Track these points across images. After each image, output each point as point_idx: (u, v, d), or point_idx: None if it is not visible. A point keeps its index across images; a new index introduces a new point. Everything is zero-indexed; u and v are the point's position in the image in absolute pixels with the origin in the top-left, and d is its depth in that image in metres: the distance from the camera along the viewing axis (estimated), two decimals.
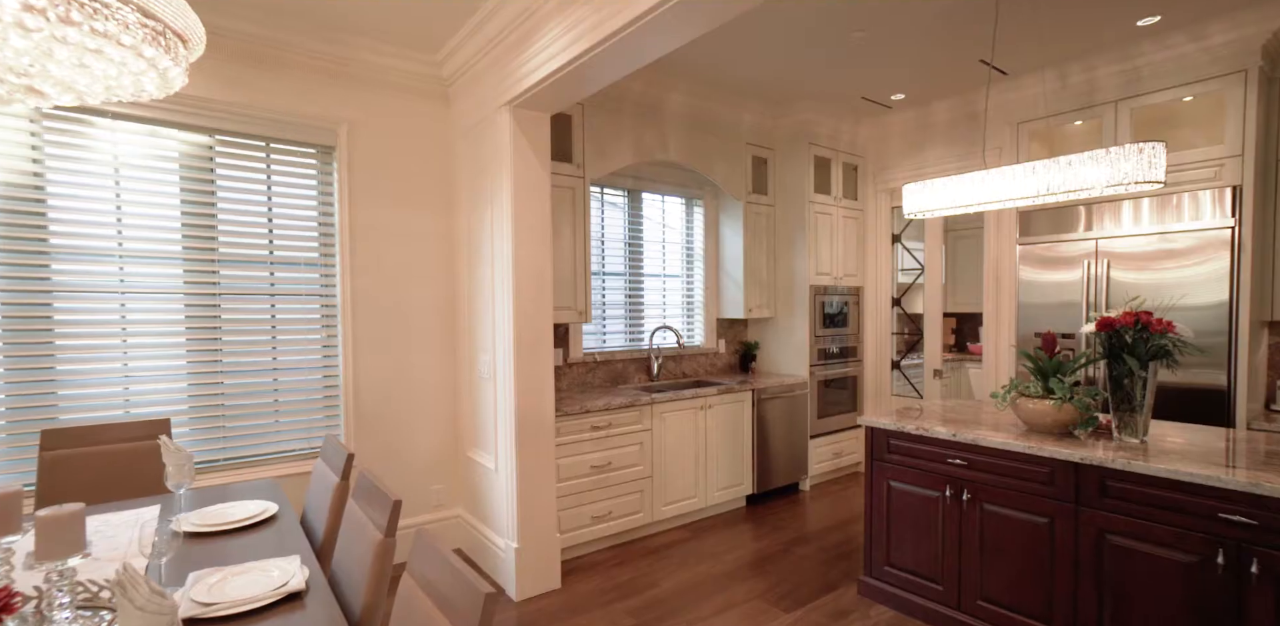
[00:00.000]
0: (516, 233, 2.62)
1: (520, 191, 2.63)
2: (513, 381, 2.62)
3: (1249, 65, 2.84)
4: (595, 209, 3.80)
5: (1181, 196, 2.99)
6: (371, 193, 2.97)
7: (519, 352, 2.63)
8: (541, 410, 2.69)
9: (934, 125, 4.10)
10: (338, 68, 2.84)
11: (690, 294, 4.28)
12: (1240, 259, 2.83)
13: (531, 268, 2.66)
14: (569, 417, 2.93)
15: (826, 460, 4.24)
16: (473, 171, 2.96)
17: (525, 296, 2.65)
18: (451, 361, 3.19)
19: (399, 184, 3.04)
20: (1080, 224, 3.33)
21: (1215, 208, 2.91)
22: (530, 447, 2.66)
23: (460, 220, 3.12)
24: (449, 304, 3.19)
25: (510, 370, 2.63)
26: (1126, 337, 2.04)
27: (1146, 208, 3.09)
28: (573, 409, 2.92)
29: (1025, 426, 2.31)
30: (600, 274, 3.83)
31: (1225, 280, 2.84)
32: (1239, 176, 2.86)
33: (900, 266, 4.55)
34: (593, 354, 3.67)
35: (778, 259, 4.29)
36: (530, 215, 2.66)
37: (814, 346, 4.15)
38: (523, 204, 2.64)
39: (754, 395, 3.75)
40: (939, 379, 4.19)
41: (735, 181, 4.04)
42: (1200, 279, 2.92)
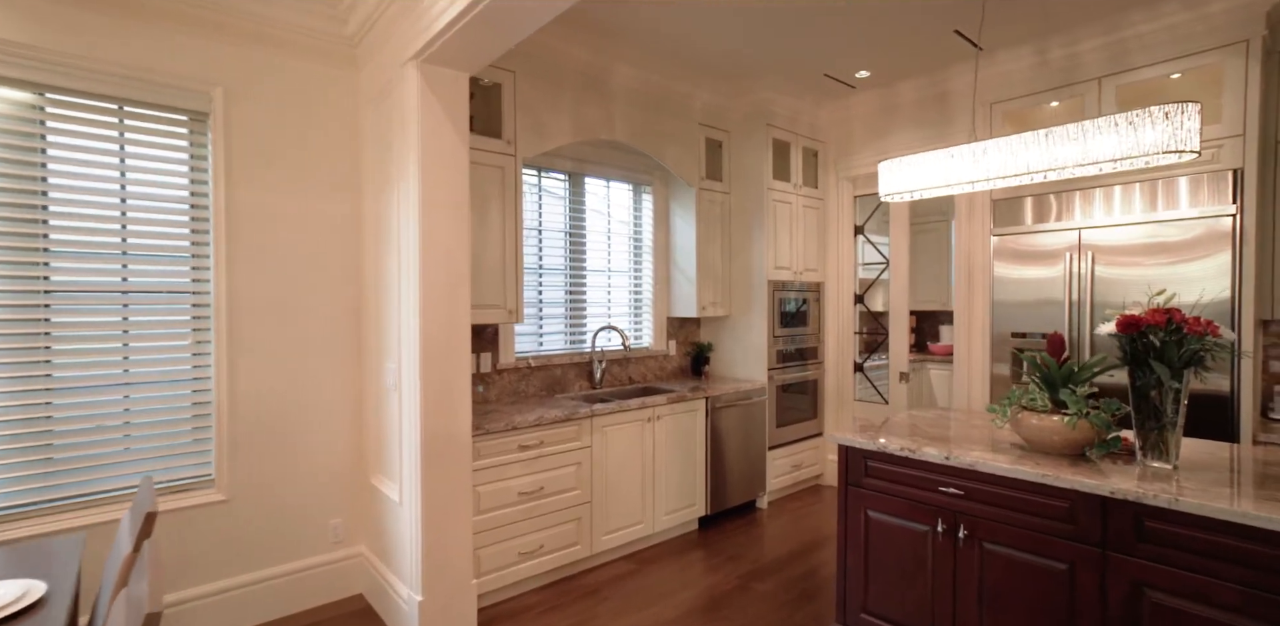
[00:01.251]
0: (425, 214, 2.10)
1: (430, 165, 2.11)
2: (418, 394, 2.10)
3: (1251, 35, 2.58)
4: (530, 194, 3.29)
5: (1174, 182, 2.73)
6: (258, 171, 2.38)
7: (426, 359, 2.11)
8: (454, 428, 2.18)
9: (900, 107, 3.78)
10: (212, 16, 2.25)
11: (638, 290, 3.83)
12: (1243, 250, 2.58)
13: (444, 256, 2.15)
14: (492, 436, 2.43)
15: (785, 473, 3.87)
16: (380, 145, 2.42)
17: (435, 291, 2.13)
18: (358, 371, 2.63)
19: (295, 162, 2.46)
20: (1061, 213, 3.05)
21: (1213, 194, 2.66)
22: (439, 474, 2.14)
23: (369, 205, 2.57)
24: (357, 303, 2.63)
25: (415, 380, 2.11)
26: (1154, 340, 1.70)
27: (1136, 195, 2.83)
28: (497, 426, 2.42)
29: (1027, 445, 1.96)
30: (537, 270, 3.32)
31: (1227, 275, 2.59)
32: (1239, 158, 2.60)
33: (862, 260, 4.23)
34: (527, 358, 3.17)
35: (733, 252, 3.89)
36: (443, 193, 2.14)
37: (772, 348, 3.77)
38: (433, 179, 2.12)
39: (708, 404, 3.33)
40: (905, 382, 3.88)
41: (688, 165, 3.60)
42: (1197, 275, 2.67)
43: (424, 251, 2.09)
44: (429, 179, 2.10)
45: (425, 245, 2.09)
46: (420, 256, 2.08)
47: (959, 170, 2.07)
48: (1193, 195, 2.69)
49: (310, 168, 2.51)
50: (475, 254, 2.62)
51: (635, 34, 2.94)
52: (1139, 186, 2.82)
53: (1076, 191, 3.00)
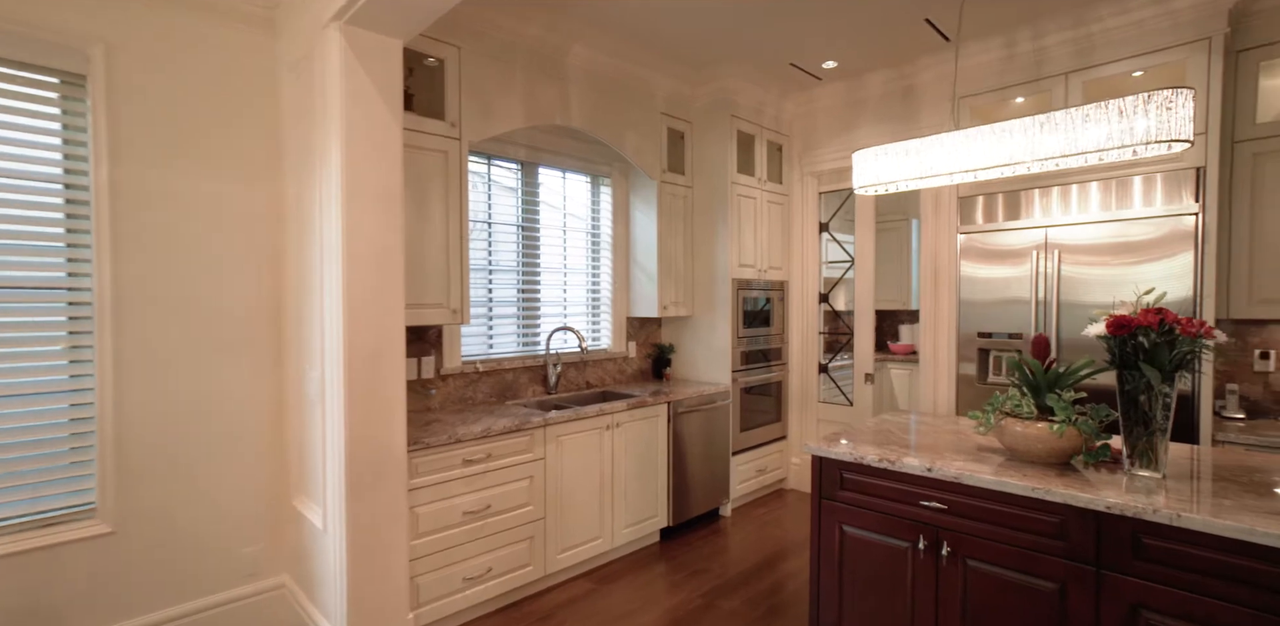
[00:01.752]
0: (350, 200, 1.84)
1: (356, 144, 1.85)
2: (342, 405, 1.84)
3: (1213, 32, 2.56)
4: (479, 184, 3.04)
5: (1139, 180, 2.70)
6: (154, 146, 2.06)
7: (352, 366, 1.85)
8: (386, 444, 1.92)
9: (866, 101, 3.68)
10: None
11: (596, 289, 3.62)
12: (1204, 249, 2.56)
13: (372, 250, 1.89)
14: (432, 451, 2.18)
15: (750, 478, 3.73)
16: (300, 122, 2.13)
17: (362, 289, 1.87)
18: (279, 379, 2.33)
19: (201, 137, 2.15)
20: (1028, 210, 2.99)
21: (1177, 192, 2.63)
22: (369, 496, 1.89)
23: (291, 189, 2.27)
24: (278, 302, 2.33)
25: (339, 390, 1.85)
26: (1144, 342, 1.60)
27: (1102, 193, 2.79)
28: (438, 439, 2.17)
29: (1009, 454, 1.84)
30: (487, 267, 3.07)
31: (1190, 275, 2.57)
32: (1202, 157, 2.58)
33: (826, 259, 4.13)
34: (475, 362, 2.92)
35: (696, 248, 3.72)
36: (372, 177, 1.89)
37: (736, 349, 3.62)
38: (360, 161, 1.86)
39: (670, 409, 3.15)
40: (870, 384, 3.79)
41: (649, 156, 3.41)
42: (1161, 274, 2.64)
43: (348, 243, 1.83)
44: (355, 160, 1.84)
45: (350, 236, 1.83)
46: (344, 249, 1.82)
47: (941, 160, 1.94)
48: (1156, 194, 2.66)
49: (221, 145, 2.20)
50: (414, 247, 2.36)
51: (592, 11, 2.73)
52: (1104, 184, 2.78)
53: (1040, 189, 2.95)
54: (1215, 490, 1.50)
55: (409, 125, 2.33)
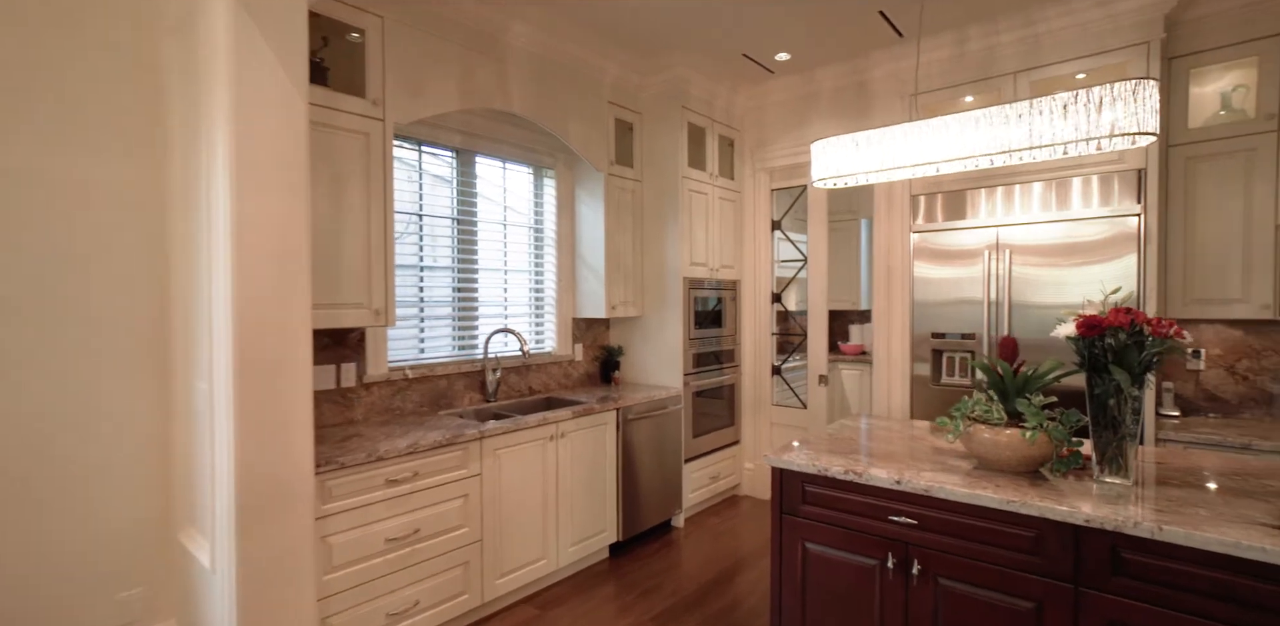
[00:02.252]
0: (241, 182, 1.57)
1: (249, 115, 1.58)
2: (231, 423, 1.56)
3: (1151, 37, 2.59)
4: (408, 171, 2.77)
5: (1087, 181, 2.71)
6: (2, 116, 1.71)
7: (243, 377, 1.57)
8: (287, 466, 1.66)
9: (818, 96, 3.61)
10: None
11: (539, 288, 3.39)
12: (1146, 250, 2.58)
13: (270, 240, 1.62)
14: (349, 471, 1.91)
15: (703, 486, 3.59)
16: (184, 92, 1.82)
17: (257, 286, 1.60)
18: (164, 395, 2.01)
19: (55, 104, 1.81)
20: (980, 209, 2.96)
21: (1121, 194, 2.65)
22: (263, 530, 1.62)
23: (177, 171, 1.95)
24: (163, 304, 2.01)
25: (228, 405, 1.57)
26: (1114, 343, 1.53)
27: (1045, 193, 2.78)
28: (356, 456, 1.91)
29: (976, 461, 1.75)
30: (418, 264, 2.80)
31: (1135, 275, 2.58)
32: (1143, 159, 2.60)
33: (778, 257, 4.04)
34: (403, 368, 2.65)
35: (645, 245, 3.55)
36: (268, 156, 1.61)
37: (689, 351, 3.47)
38: (253, 136, 1.59)
39: (619, 415, 2.97)
40: (824, 386, 3.72)
41: (595, 147, 3.22)
42: (1108, 275, 2.65)
43: (240, 233, 1.55)
44: (247, 136, 1.57)
45: (242, 224, 1.55)
46: (234, 239, 1.54)
47: (903, 151, 1.83)
48: (1103, 195, 2.67)
49: (81, 115, 1.86)
50: (328, 240, 2.09)
51: None
52: (1050, 185, 2.78)
53: (990, 189, 2.93)
54: (1186, 497, 1.44)
55: (321, 101, 2.06)
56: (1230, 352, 2.83)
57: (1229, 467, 1.72)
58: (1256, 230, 2.56)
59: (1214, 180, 2.64)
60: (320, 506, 1.80)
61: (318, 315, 2.02)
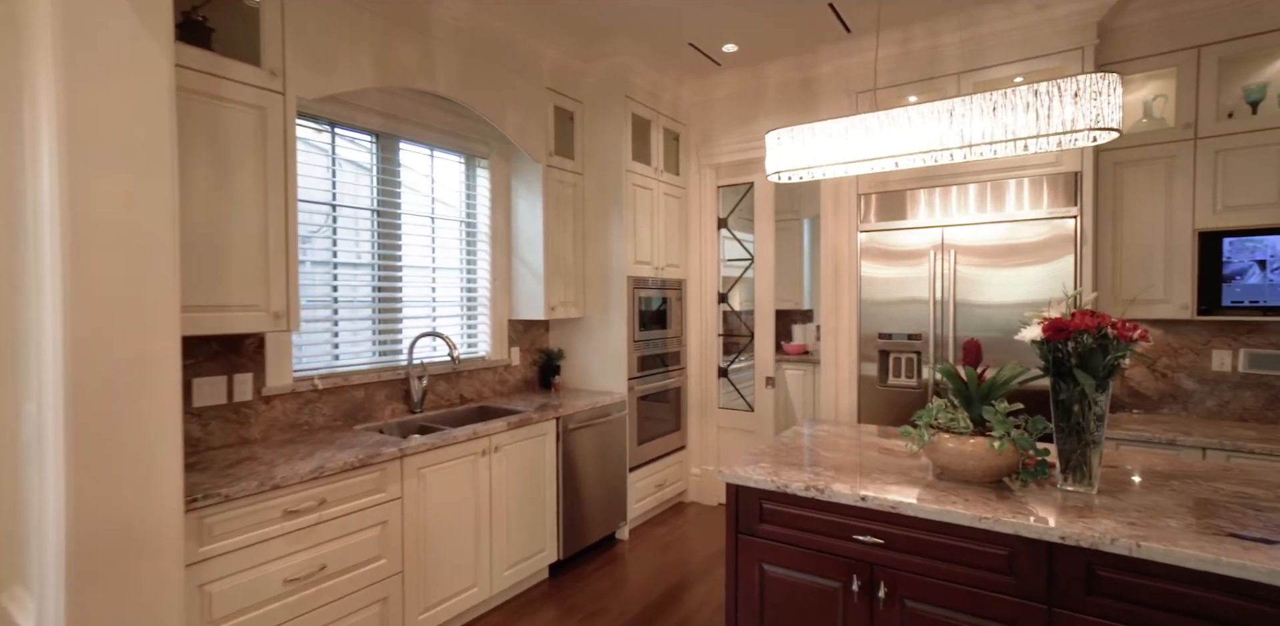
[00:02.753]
0: (72, 152, 1.26)
1: (84, 69, 1.27)
2: (62, 452, 1.25)
3: (1085, 43, 2.62)
4: (317, 155, 2.46)
5: (1026, 182, 2.72)
6: None
7: (78, 397, 1.27)
8: (144, 504, 1.36)
9: (765, 92, 3.51)
10: None
11: (472, 288, 3.13)
12: (1082, 252, 2.61)
13: (117, 226, 1.32)
14: (236, 504, 1.62)
15: (648, 495, 3.43)
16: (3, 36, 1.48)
17: (99, 284, 1.30)
18: None
19: None
20: (926, 209, 2.94)
21: (1059, 196, 2.67)
22: (107, 586, 1.32)
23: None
24: None
25: (59, 431, 1.26)
26: (1079, 347, 1.46)
27: (990, 194, 2.78)
28: (247, 485, 1.62)
29: (938, 471, 1.66)
30: (330, 261, 2.50)
31: (1072, 277, 2.61)
32: (1079, 162, 2.63)
33: (724, 256, 3.93)
34: (312, 377, 2.34)
35: (588, 242, 3.35)
36: (113, 122, 1.31)
37: (633, 354, 3.30)
38: (91, 97, 1.28)
39: (559, 425, 2.76)
40: (771, 388, 3.64)
41: (533, 136, 2.99)
42: (1047, 276, 2.67)
43: (71, 220, 1.24)
44: (82, 102, 1.26)
45: (74, 211, 1.25)
46: (63, 228, 1.23)
47: (863, 143, 1.72)
48: (1042, 197, 2.69)
49: None
50: (210, 229, 1.78)
51: None
52: (995, 186, 2.79)
53: (936, 188, 2.91)
54: (1150, 506, 1.38)
55: (202, 66, 1.75)
56: (1151, 351, 2.92)
57: (1175, 469, 1.70)
58: (1176, 234, 2.64)
59: (1139, 185, 2.70)
60: (195, 549, 1.51)
61: (198, 319, 1.72)
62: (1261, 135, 2.49)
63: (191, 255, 1.72)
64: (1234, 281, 2.69)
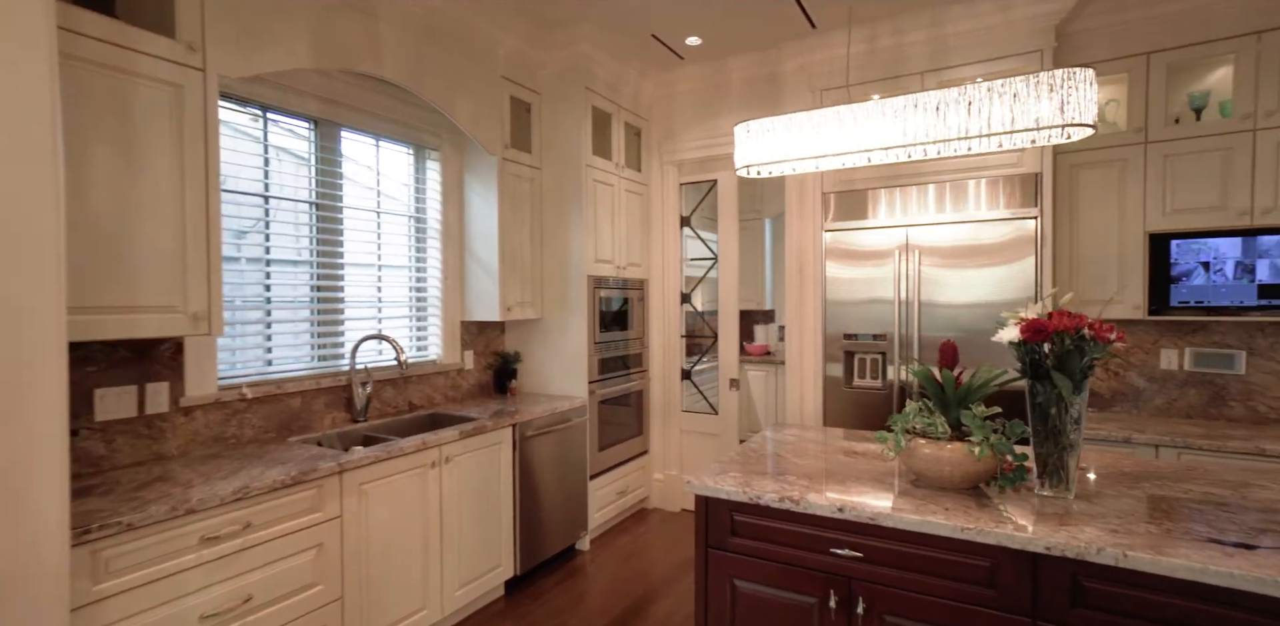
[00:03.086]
0: None
1: None
2: None
3: (1044, 46, 2.64)
4: (249, 143, 2.24)
5: (992, 183, 2.73)
6: None
7: None
8: (15, 539, 1.16)
9: (728, 87, 3.44)
10: None
11: (422, 287, 2.95)
12: (1042, 252, 2.63)
13: None
14: (140, 533, 1.42)
15: (610, 503, 3.31)
16: None
17: None
18: None
19: None
20: (891, 209, 2.92)
21: (1021, 197, 2.68)
22: None
23: None
24: None
25: None
26: (1057, 348, 1.42)
27: (952, 195, 2.78)
28: (153, 512, 1.42)
29: (913, 477, 1.60)
30: (263, 258, 2.29)
31: (1033, 277, 2.62)
32: (1039, 164, 2.65)
33: (687, 256, 3.84)
34: (240, 386, 2.13)
35: (546, 239, 3.21)
36: None
37: (594, 356, 3.17)
38: None
39: (516, 432, 2.61)
40: (735, 390, 3.57)
41: (488, 127, 2.83)
42: (1009, 276, 2.68)
43: None
44: None
45: None
46: None
47: (836, 137, 1.65)
48: (1004, 197, 2.70)
49: None
50: (118, 224, 1.57)
51: None
52: (959, 186, 2.78)
53: (902, 188, 2.90)
54: (1128, 511, 1.35)
55: (107, 36, 1.54)
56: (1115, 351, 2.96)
57: (1143, 470, 1.69)
58: (1129, 236, 2.69)
59: (1094, 187, 2.74)
60: (88, 588, 1.31)
61: (97, 322, 1.51)
62: (1204, 141, 2.55)
63: (91, 250, 1.51)
64: (1181, 282, 2.76)
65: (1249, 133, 2.49)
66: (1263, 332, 2.68)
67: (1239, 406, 2.72)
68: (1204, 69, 2.69)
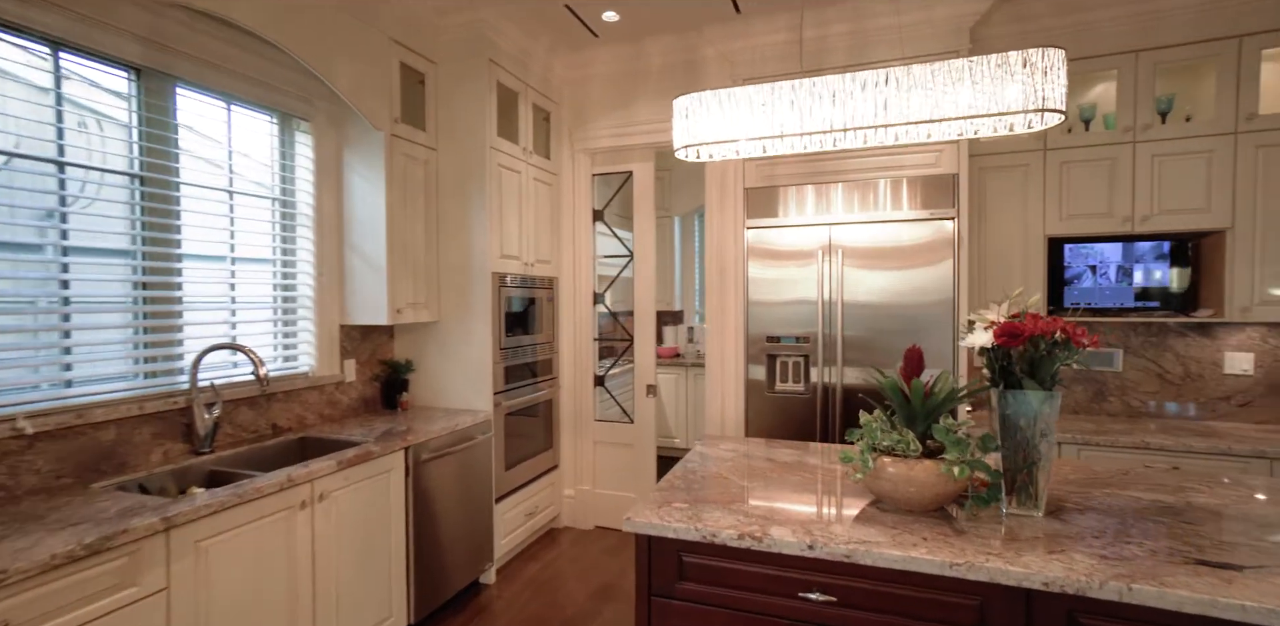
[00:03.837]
0: None
1: None
2: None
3: (960, 47, 2.65)
4: (35, 94, 1.69)
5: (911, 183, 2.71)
6: None
7: None
8: None
9: (646, 72, 3.22)
10: None
11: (290, 285, 2.45)
12: (959, 253, 2.64)
13: None
14: None
15: (518, 526, 2.97)
16: None
17: None
18: None
19: None
20: (814, 206, 2.83)
21: (940, 197, 2.68)
22: None
23: None
24: None
25: None
26: (1029, 354, 1.31)
27: (874, 194, 2.74)
28: None
29: (873, 498, 1.44)
30: (59, 245, 1.74)
31: (951, 279, 2.63)
32: (955, 164, 2.66)
33: (599, 253, 3.58)
34: (14, 417, 1.58)
35: (443, 231, 2.81)
36: None
37: (499, 364, 2.82)
38: None
39: (409, 456, 2.22)
40: (653, 396, 3.35)
41: (373, 96, 2.40)
42: (931, 277, 2.67)
43: None
44: None
45: None
46: None
47: (788, 118, 1.46)
48: (925, 198, 2.69)
49: None
50: None
51: None
52: (882, 184, 2.75)
53: (825, 185, 2.82)
54: (1103, 530, 1.26)
55: None
56: None
57: (1084, 476, 1.66)
58: (1031, 239, 2.77)
59: (1002, 191, 2.81)
60: None
61: None
62: (1093, 151, 2.68)
63: None
64: (1073, 284, 2.90)
65: (1129, 144, 2.63)
66: (1135, 332, 2.86)
67: (1116, 401, 2.89)
68: (1091, 82, 2.83)
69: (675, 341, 5.37)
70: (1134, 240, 2.79)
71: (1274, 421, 2.69)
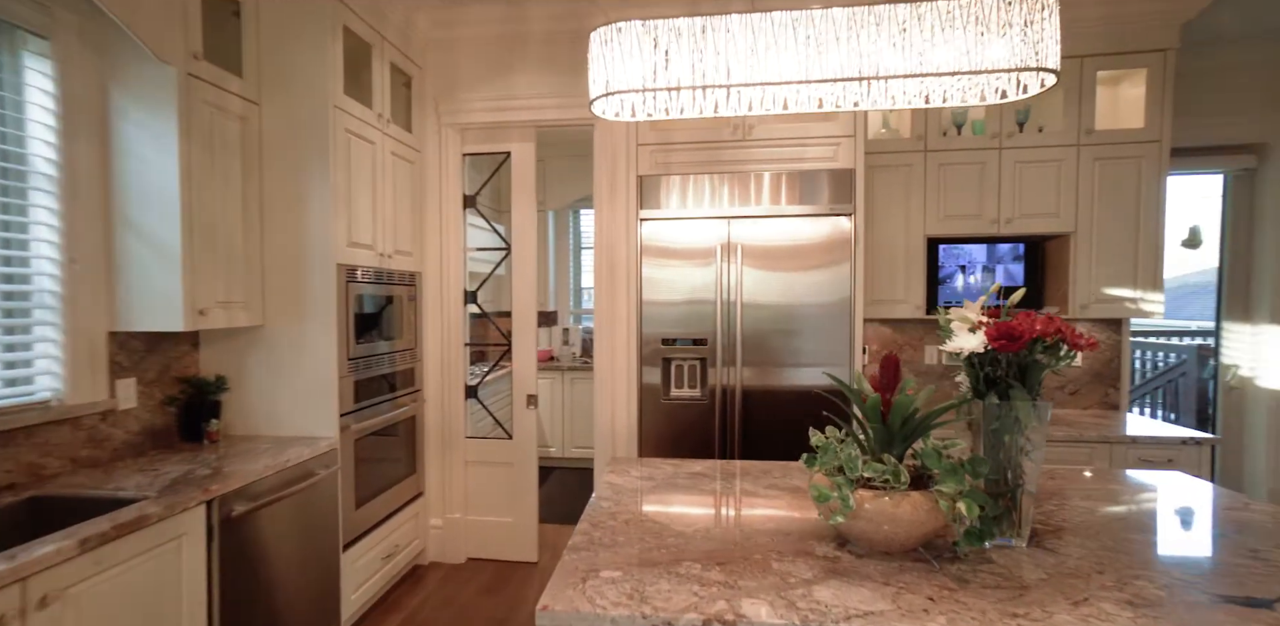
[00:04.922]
0: None
1: None
2: None
3: None
4: None
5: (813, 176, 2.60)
6: None
7: None
8: None
9: (527, 39, 2.80)
10: None
11: (21, 277, 1.70)
12: (856, 250, 2.57)
13: None
14: None
15: (374, 573, 2.41)
16: None
17: None
18: None
19: None
20: (711, 198, 2.64)
21: (839, 193, 2.60)
22: None
23: None
24: None
25: None
26: (1018, 360, 1.14)
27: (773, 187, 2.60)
28: None
29: (840, 539, 1.20)
30: None
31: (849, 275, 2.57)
32: (852, 159, 2.59)
33: (471, 245, 3.08)
34: None
35: (269, 209, 2.18)
36: None
37: (348, 377, 2.26)
38: None
39: (212, 513, 1.61)
40: (534, 408, 2.94)
41: (155, 15, 1.74)
42: (830, 277, 2.58)
43: None
44: None
45: None
46: None
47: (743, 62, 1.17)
48: (825, 192, 2.62)
49: None
50: None
51: None
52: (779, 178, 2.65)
53: (724, 175, 2.65)
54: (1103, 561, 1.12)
55: None
56: (884, 347, 3.11)
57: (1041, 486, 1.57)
58: (913, 238, 2.81)
59: (888, 190, 2.81)
60: None
61: None
62: (966, 154, 2.76)
63: None
64: (946, 284, 2.99)
65: (996, 150, 2.74)
66: None
67: None
68: None
69: (549, 344, 4.97)
70: (997, 242, 2.92)
71: (1096, 405, 2.96)
